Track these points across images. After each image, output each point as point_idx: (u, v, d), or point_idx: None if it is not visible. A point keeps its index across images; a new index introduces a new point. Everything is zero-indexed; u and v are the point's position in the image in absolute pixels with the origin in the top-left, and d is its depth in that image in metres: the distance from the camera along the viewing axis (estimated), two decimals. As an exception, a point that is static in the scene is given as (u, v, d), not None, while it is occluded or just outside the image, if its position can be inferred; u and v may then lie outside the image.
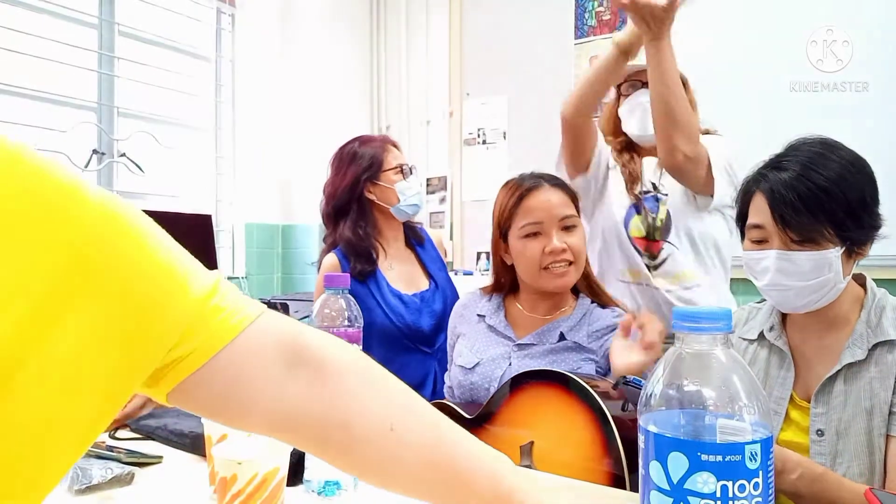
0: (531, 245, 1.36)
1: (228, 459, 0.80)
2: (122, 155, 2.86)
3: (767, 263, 1.07)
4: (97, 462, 1.00)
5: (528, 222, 1.37)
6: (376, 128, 3.73)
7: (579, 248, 1.38)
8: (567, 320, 1.38)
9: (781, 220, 1.04)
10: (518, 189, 1.41)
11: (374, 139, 1.94)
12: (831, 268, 1.04)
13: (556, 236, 1.35)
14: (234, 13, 3.33)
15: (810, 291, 1.06)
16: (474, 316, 1.50)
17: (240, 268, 3.31)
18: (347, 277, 0.97)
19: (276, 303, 2.76)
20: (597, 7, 3.10)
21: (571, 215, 1.38)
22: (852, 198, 1.03)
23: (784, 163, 1.07)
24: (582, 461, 1.03)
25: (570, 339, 1.35)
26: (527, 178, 1.44)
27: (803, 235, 1.04)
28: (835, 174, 1.03)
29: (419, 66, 3.65)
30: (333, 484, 0.91)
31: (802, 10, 2.60)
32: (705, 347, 0.58)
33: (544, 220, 1.36)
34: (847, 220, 1.03)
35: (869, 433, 1.02)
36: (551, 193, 1.39)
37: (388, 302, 1.83)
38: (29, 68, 2.55)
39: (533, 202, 1.37)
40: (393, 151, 1.89)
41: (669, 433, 0.57)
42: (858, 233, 1.05)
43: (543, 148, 3.30)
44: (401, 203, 1.85)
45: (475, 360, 1.40)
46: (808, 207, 1.02)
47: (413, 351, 1.83)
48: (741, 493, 0.54)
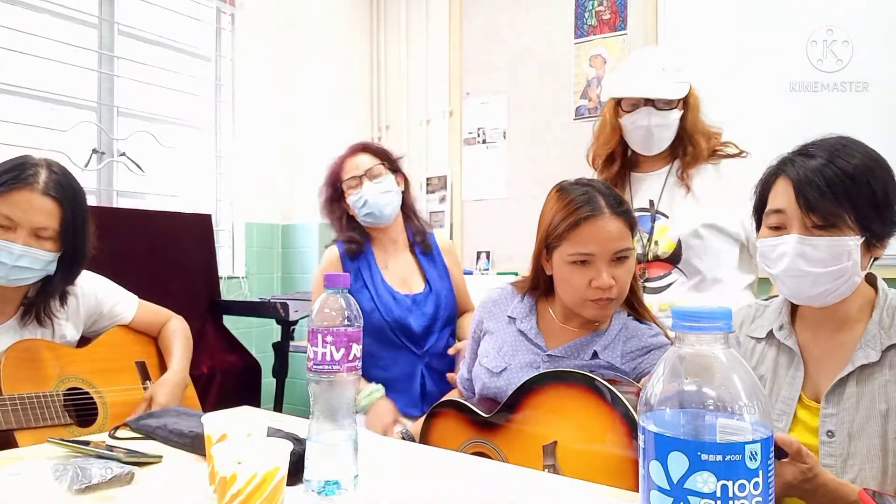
0: (578, 274, 1.26)
1: (228, 459, 0.80)
2: (122, 154, 2.86)
3: (785, 248, 1.06)
4: (97, 462, 1.00)
5: (579, 251, 1.24)
6: (376, 127, 3.73)
7: (625, 281, 1.27)
8: (602, 337, 1.30)
9: (805, 203, 1.03)
10: (576, 212, 1.26)
11: (345, 153, 1.94)
12: (850, 256, 1.02)
13: (605, 271, 1.23)
14: (234, 13, 3.33)
15: (828, 280, 1.04)
16: (504, 316, 1.43)
17: (240, 268, 3.30)
18: (347, 277, 0.97)
19: (276, 303, 2.76)
20: (597, 7, 3.10)
21: (626, 248, 1.26)
22: (877, 189, 1.02)
23: (811, 150, 1.07)
24: (610, 461, 1.03)
25: (603, 359, 1.28)
26: (587, 197, 1.27)
27: (826, 220, 1.02)
28: (861, 164, 1.03)
29: (419, 65, 3.65)
30: (333, 484, 0.91)
31: (802, 10, 2.60)
32: (705, 347, 0.58)
33: (597, 253, 1.24)
34: (870, 210, 1.02)
35: (883, 436, 1.02)
36: (611, 223, 1.24)
37: (380, 294, 1.86)
38: (29, 68, 2.55)
39: (590, 232, 1.24)
40: (352, 161, 1.90)
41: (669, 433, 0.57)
42: (880, 225, 1.04)
43: (543, 148, 3.31)
44: (359, 218, 1.90)
45: (503, 364, 1.35)
46: (833, 191, 1.01)
47: (401, 348, 1.85)
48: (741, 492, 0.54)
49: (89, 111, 2.80)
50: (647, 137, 1.74)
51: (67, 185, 1.44)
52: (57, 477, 0.96)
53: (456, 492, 0.96)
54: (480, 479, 1.00)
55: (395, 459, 1.10)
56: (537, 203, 1.38)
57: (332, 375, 0.92)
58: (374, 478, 1.00)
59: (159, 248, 2.62)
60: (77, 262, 1.49)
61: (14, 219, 1.36)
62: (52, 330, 1.52)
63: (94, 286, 1.62)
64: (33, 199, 1.38)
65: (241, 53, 3.34)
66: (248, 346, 2.90)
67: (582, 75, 3.14)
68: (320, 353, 0.92)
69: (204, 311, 2.77)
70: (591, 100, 3.12)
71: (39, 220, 1.38)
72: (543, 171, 3.23)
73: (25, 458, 1.11)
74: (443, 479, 0.99)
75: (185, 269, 2.72)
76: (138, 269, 2.02)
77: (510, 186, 3.39)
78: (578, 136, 3.14)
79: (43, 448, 1.14)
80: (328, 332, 0.92)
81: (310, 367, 0.93)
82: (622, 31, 3.04)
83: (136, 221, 2.59)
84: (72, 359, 1.51)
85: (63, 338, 1.55)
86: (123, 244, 1.71)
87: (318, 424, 0.93)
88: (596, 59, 3.11)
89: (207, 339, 2.65)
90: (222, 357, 2.68)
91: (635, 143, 1.78)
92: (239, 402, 1.55)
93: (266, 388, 2.90)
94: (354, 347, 0.94)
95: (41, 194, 1.38)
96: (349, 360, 0.93)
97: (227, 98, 3.33)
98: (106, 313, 1.64)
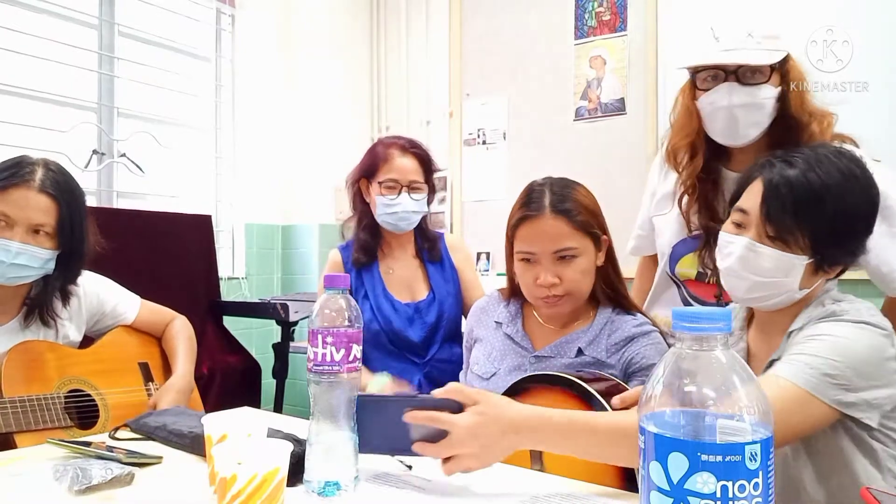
0: (526, 272, 1.30)
1: (229, 460, 0.80)
2: (123, 155, 2.86)
3: (734, 248, 1.09)
4: (97, 462, 1.00)
5: (522, 250, 1.29)
6: (376, 128, 3.72)
7: (574, 280, 1.27)
8: (585, 333, 1.32)
9: (766, 212, 1.05)
10: (518, 211, 1.31)
11: (393, 143, 1.83)
12: (789, 273, 1.04)
13: (547, 270, 1.26)
14: (234, 13, 3.33)
15: (763, 289, 1.07)
16: (492, 322, 1.44)
17: (240, 268, 3.30)
18: (347, 278, 0.97)
19: (276, 303, 2.76)
20: (597, 7, 3.10)
21: (569, 248, 1.26)
22: (842, 211, 1.02)
23: (793, 157, 1.07)
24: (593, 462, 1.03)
25: (588, 355, 1.29)
26: (533, 196, 1.30)
27: (779, 234, 1.04)
28: (835, 184, 1.02)
29: (419, 66, 3.65)
30: (333, 484, 0.91)
31: (802, 10, 2.60)
32: (705, 347, 0.58)
33: (538, 252, 1.27)
34: (827, 235, 1.03)
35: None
36: (549, 223, 1.26)
37: (380, 304, 1.82)
38: (29, 68, 2.55)
39: (528, 231, 1.28)
40: (399, 162, 1.79)
41: (669, 433, 0.57)
42: (833, 251, 1.05)
43: (543, 149, 3.31)
44: (377, 214, 1.81)
45: (492, 370, 1.36)
46: (795, 210, 1.03)
47: (399, 357, 1.80)
48: (741, 493, 0.54)
49: (89, 112, 2.80)
50: (730, 122, 1.35)
51: (64, 182, 1.44)
52: (57, 478, 0.96)
53: (456, 492, 0.96)
54: (480, 479, 0.99)
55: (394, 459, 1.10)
56: (537, 204, 1.38)
57: (333, 376, 0.92)
58: (375, 478, 1.00)
59: (159, 249, 2.62)
60: (76, 261, 1.49)
61: (11, 216, 1.36)
62: (55, 331, 1.52)
63: (96, 286, 1.62)
64: (30, 197, 1.38)
65: (241, 54, 3.34)
66: (249, 347, 2.90)
67: (582, 76, 3.14)
68: (320, 354, 0.92)
69: (204, 311, 2.77)
70: (591, 101, 3.12)
71: (36, 217, 1.38)
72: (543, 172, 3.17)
73: (26, 458, 1.11)
74: (443, 479, 0.99)
75: (186, 269, 2.72)
76: (138, 270, 2.02)
77: (510, 187, 3.38)
78: (578, 138, 3.15)
79: (43, 449, 1.14)
80: (328, 333, 0.93)
81: (310, 368, 0.94)
82: (622, 32, 3.04)
83: (137, 222, 2.59)
84: (74, 360, 1.50)
85: (66, 338, 1.55)
86: (123, 245, 1.71)
87: (318, 425, 0.93)
88: (596, 60, 3.11)
89: (207, 340, 2.65)
90: (222, 358, 2.68)
91: (715, 130, 1.40)
92: (239, 403, 1.55)
93: (266, 389, 2.90)
94: (354, 348, 0.94)
95: (38, 191, 1.39)
96: (349, 361, 0.93)
97: (227, 99, 3.33)
98: (108, 313, 1.64)
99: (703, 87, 1.38)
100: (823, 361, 0.96)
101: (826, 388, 0.95)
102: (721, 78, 1.35)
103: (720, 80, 1.35)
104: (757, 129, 1.37)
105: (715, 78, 1.36)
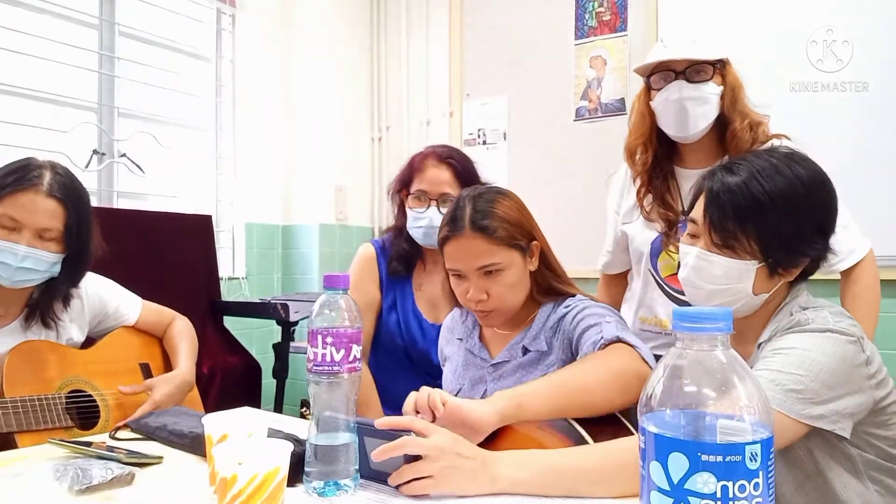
0: (457, 286, 1.32)
1: (229, 460, 0.80)
2: (123, 155, 2.86)
3: (689, 259, 1.12)
4: (97, 462, 1.00)
5: (449, 267, 1.31)
6: (376, 128, 3.72)
7: (501, 294, 1.27)
8: (529, 331, 1.33)
9: (710, 221, 1.07)
10: (440, 230, 1.32)
11: (430, 153, 1.76)
12: (741, 279, 1.06)
13: (475, 285, 1.27)
14: (234, 13, 3.33)
15: (720, 297, 1.09)
16: (455, 339, 1.47)
17: (240, 268, 3.30)
18: (347, 278, 0.97)
19: (276, 303, 2.76)
20: (597, 7, 3.10)
21: (492, 263, 1.25)
22: (786, 217, 1.03)
23: (735, 166, 1.08)
24: None
25: (532, 349, 1.30)
26: (456, 214, 1.29)
27: (724, 241, 1.06)
28: (777, 190, 1.03)
29: (419, 66, 3.65)
30: (333, 484, 0.91)
31: (802, 10, 2.60)
32: (705, 347, 0.58)
33: (462, 269, 1.28)
34: (773, 239, 1.04)
35: None
36: (469, 242, 1.25)
37: (407, 321, 1.78)
38: (29, 68, 2.55)
39: (452, 249, 1.28)
40: (433, 172, 1.72)
41: (669, 433, 0.57)
42: (783, 254, 1.06)
43: (543, 149, 3.31)
44: (408, 226, 1.76)
45: (458, 385, 1.39)
46: (737, 216, 1.04)
47: (417, 372, 1.78)
48: (741, 493, 0.54)
49: (90, 112, 2.80)
50: (681, 113, 1.50)
51: (72, 186, 1.44)
52: (58, 478, 0.96)
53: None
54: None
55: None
56: (538, 205, 1.38)
57: (333, 376, 0.92)
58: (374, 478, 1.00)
59: (160, 249, 2.62)
60: (81, 264, 1.50)
61: (19, 220, 1.37)
62: (56, 332, 1.52)
63: (98, 287, 1.62)
64: (38, 201, 1.38)
65: (241, 54, 3.34)
66: (249, 347, 2.90)
67: (582, 76, 3.14)
68: (320, 354, 0.92)
69: (204, 311, 2.77)
70: (592, 101, 3.12)
71: (44, 221, 1.39)
72: (543, 172, 3.23)
73: (27, 458, 1.11)
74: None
75: (186, 269, 2.72)
76: (138, 270, 2.02)
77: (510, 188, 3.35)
78: (578, 138, 3.14)
79: (44, 449, 1.14)
80: (328, 333, 0.93)
81: (310, 368, 0.94)
82: (622, 33, 3.04)
83: (137, 222, 2.59)
84: (75, 360, 1.51)
85: (69, 340, 1.55)
86: (124, 245, 1.71)
87: (318, 425, 0.93)
88: (596, 61, 3.11)
89: (208, 340, 2.65)
90: (222, 358, 2.68)
91: (668, 124, 1.54)
92: (239, 403, 1.55)
93: (266, 389, 2.90)
94: (354, 348, 0.94)
95: (45, 196, 1.39)
96: (349, 361, 0.93)
97: (227, 99, 3.33)
98: (110, 314, 1.64)
99: (657, 87, 1.55)
100: (788, 377, 0.96)
101: (792, 404, 0.95)
102: (671, 78, 1.52)
103: (671, 80, 1.52)
104: (705, 120, 1.52)
105: (666, 79, 1.53)
